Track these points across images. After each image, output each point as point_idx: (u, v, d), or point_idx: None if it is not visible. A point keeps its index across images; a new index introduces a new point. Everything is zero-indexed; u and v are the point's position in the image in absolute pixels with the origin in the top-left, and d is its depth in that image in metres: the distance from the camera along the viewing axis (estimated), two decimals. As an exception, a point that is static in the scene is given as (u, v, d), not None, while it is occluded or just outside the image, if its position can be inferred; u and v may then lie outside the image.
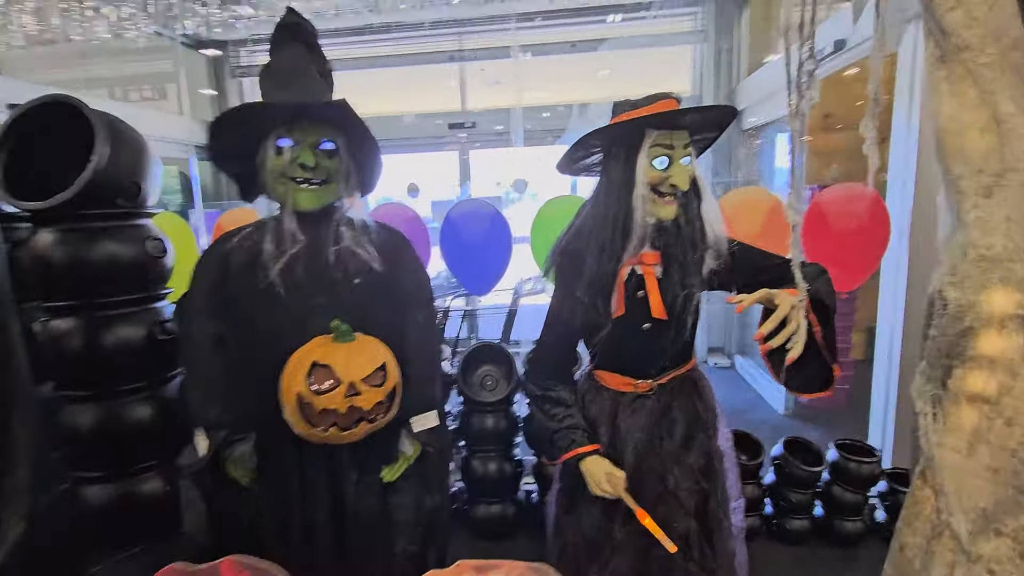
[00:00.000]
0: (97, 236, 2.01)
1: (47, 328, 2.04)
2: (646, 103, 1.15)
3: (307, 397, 0.98)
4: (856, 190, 2.15)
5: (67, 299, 2.02)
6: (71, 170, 1.89)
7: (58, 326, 2.02)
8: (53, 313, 2.04)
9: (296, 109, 1.02)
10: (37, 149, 2.04)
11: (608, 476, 1.22)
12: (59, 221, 1.97)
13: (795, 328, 1.01)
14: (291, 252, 1.07)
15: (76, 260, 1.97)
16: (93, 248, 2.00)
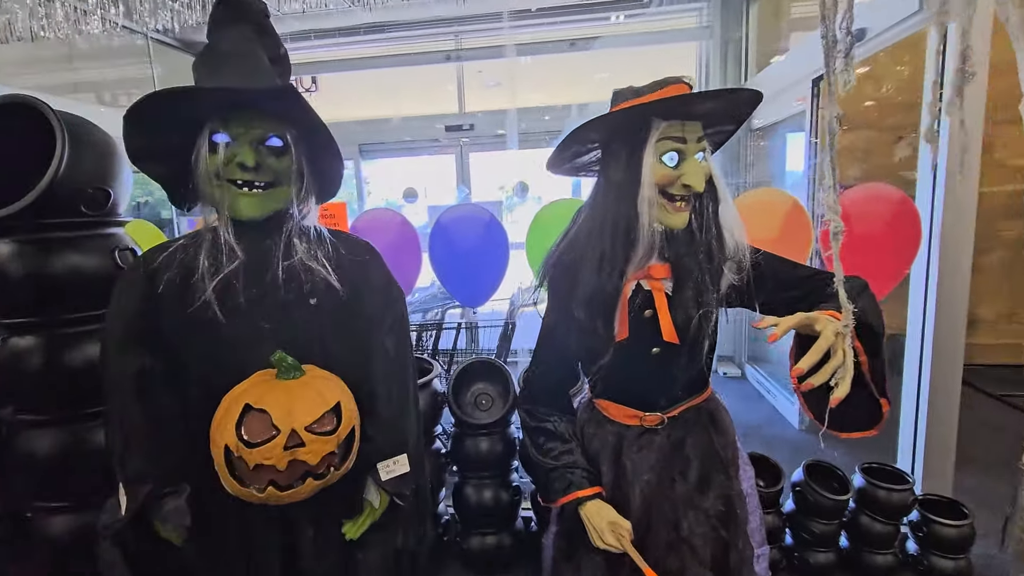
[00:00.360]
0: (58, 247, 1.86)
1: (6, 346, 1.89)
2: (652, 89, 0.98)
3: (236, 450, 0.80)
4: (882, 190, 1.97)
5: (26, 315, 1.87)
6: (36, 176, 1.75)
7: (17, 344, 1.87)
8: (11, 330, 1.89)
9: (232, 97, 0.86)
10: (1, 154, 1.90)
11: (612, 526, 1.04)
12: (15, 231, 1.83)
13: (841, 361, 0.81)
14: (229, 269, 0.90)
15: (35, 273, 1.82)
16: (54, 260, 1.85)
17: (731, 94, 0.97)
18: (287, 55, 1.00)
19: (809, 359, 0.81)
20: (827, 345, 0.82)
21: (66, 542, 1.90)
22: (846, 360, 0.82)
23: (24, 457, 1.90)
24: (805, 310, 1.05)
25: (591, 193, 1.08)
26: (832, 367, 0.82)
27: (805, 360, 0.82)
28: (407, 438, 1.04)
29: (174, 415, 0.93)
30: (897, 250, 1.97)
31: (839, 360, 0.82)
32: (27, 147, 1.81)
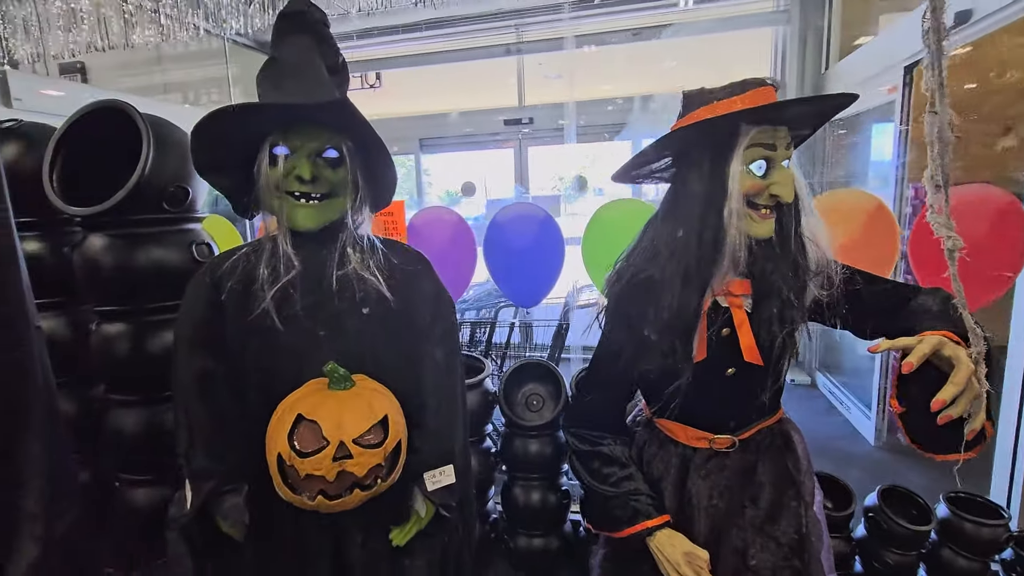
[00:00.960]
0: (143, 241, 2.01)
1: (99, 331, 2.07)
2: (731, 92, 0.91)
3: (289, 459, 0.83)
4: (983, 191, 1.77)
5: (116, 304, 2.03)
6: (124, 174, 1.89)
7: (108, 330, 2.04)
8: (102, 317, 2.07)
9: (291, 112, 0.87)
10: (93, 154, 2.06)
11: (688, 557, 0.99)
12: (108, 226, 1.99)
13: (977, 391, 0.76)
14: (286, 279, 0.93)
15: (123, 265, 1.97)
16: (139, 254, 2.00)
17: (826, 99, 0.91)
18: (345, 64, 1.01)
19: (950, 391, 0.75)
20: (967, 376, 0.76)
21: (147, 512, 2.07)
22: (982, 393, 0.76)
23: (113, 432, 2.08)
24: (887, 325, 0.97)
25: (664, 205, 1.03)
26: (971, 397, 0.76)
27: (946, 391, 0.76)
28: (454, 449, 1.04)
29: (235, 416, 0.97)
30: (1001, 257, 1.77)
31: (975, 391, 0.76)
32: (116, 147, 1.96)
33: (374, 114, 4.17)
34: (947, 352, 0.76)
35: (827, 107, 0.93)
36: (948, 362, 0.77)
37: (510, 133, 4.64)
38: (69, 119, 2.02)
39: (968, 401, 0.76)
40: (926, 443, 0.87)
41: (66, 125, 2.01)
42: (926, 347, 0.76)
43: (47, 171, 1.97)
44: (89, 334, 2.10)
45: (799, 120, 0.95)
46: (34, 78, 3.74)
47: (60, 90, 3.99)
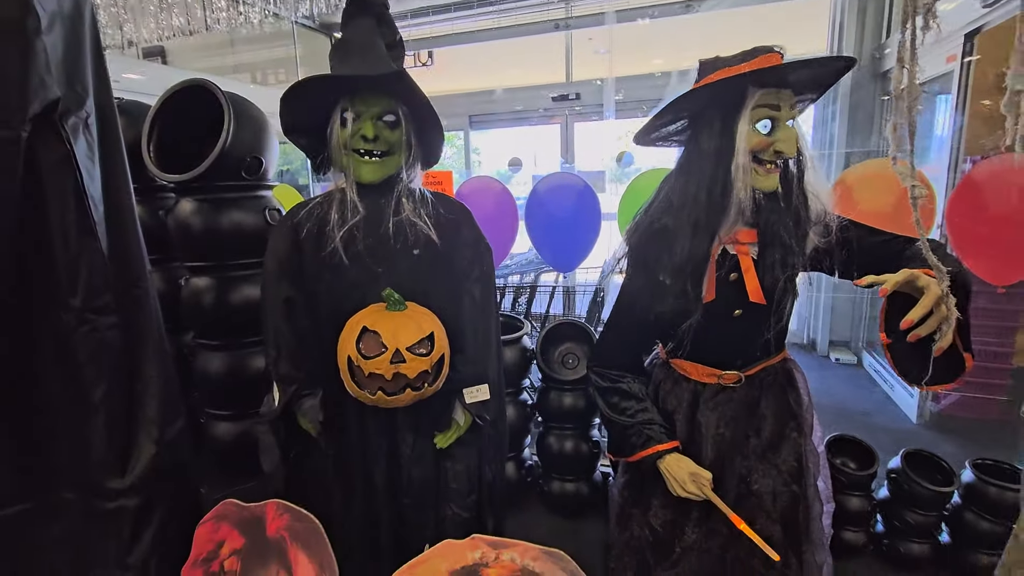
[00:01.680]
0: (226, 206, 2.28)
1: (188, 285, 2.37)
2: (743, 59, 1.01)
3: (356, 360, 1.03)
4: None
5: (203, 260, 2.33)
6: (209, 145, 2.15)
7: (197, 284, 2.34)
8: (193, 272, 2.37)
9: (356, 81, 1.05)
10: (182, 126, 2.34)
11: (693, 476, 1.13)
12: (196, 192, 2.27)
13: (946, 314, 0.85)
14: (352, 223, 1.11)
15: (210, 226, 2.25)
16: (223, 216, 2.27)
17: (827, 63, 0.99)
18: (402, 41, 1.17)
19: (918, 311, 0.86)
20: (934, 299, 0.85)
21: (229, 443, 2.38)
22: (950, 315, 0.85)
23: (200, 374, 2.39)
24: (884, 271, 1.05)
25: (679, 162, 1.14)
26: (937, 320, 0.86)
27: (915, 312, 0.86)
28: (487, 371, 1.21)
29: (312, 334, 1.18)
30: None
31: (943, 314, 0.85)
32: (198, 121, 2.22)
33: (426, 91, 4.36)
34: (920, 283, 0.86)
35: (827, 70, 1.01)
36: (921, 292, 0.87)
37: (558, 109, 4.71)
38: (162, 96, 2.29)
39: (936, 322, 0.84)
40: (910, 373, 0.96)
41: (160, 102, 2.29)
42: (899, 276, 0.86)
43: (145, 143, 2.26)
44: (180, 288, 2.41)
45: (803, 83, 1.03)
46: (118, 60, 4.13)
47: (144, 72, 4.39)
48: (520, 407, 2.22)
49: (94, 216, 1.33)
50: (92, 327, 1.35)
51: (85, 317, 1.34)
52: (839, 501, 1.88)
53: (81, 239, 1.31)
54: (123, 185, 1.45)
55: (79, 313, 1.33)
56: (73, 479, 1.38)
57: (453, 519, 1.21)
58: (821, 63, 0.99)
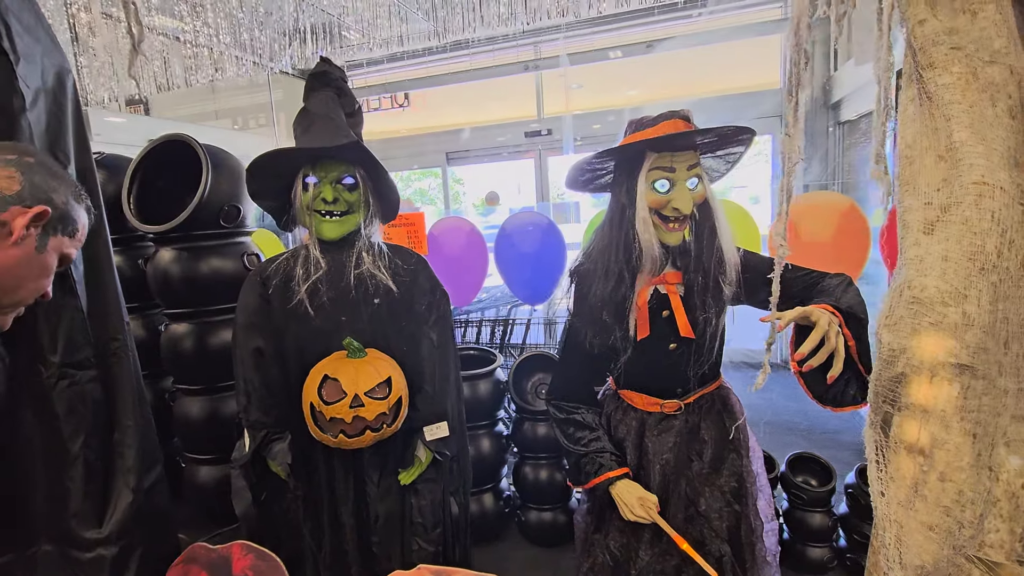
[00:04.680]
0: (204, 253, 2.36)
1: (168, 332, 2.43)
2: (653, 124, 1.14)
3: (318, 406, 1.11)
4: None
5: (182, 307, 2.39)
6: (188, 194, 2.24)
7: (176, 330, 2.40)
8: (172, 319, 2.43)
9: (317, 150, 1.16)
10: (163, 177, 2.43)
11: (640, 500, 1.20)
12: (175, 241, 2.35)
13: (834, 345, 0.95)
14: (316, 277, 1.21)
15: (188, 274, 2.33)
16: (201, 264, 2.35)
17: (717, 130, 1.11)
18: (360, 109, 1.29)
19: (808, 345, 0.94)
20: (820, 333, 0.95)
21: (210, 487, 2.41)
22: (839, 346, 0.95)
23: (180, 419, 2.43)
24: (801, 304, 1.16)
25: (606, 212, 1.26)
26: (826, 351, 0.95)
27: (805, 346, 0.95)
28: (446, 409, 1.30)
29: (280, 382, 1.26)
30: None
31: (832, 346, 0.94)
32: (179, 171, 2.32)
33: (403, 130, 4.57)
34: (812, 318, 0.96)
35: (722, 137, 1.13)
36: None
37: (530, 144, 4.90)
38: (142, 151, 2.40)
39: (825, 354, 0.94)
40: (821, 397, 1.06)
41: (140, 156, 2.39)
42: (792, 314, 0.97)
43: (125, 195, 2.35)
44: (159, 335, 2.47)
45: (707, 147, 1.17)
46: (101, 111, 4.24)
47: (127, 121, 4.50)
48: (495, 439, 2.28)
49: (74, 275, 1.41)
50: (71, 381, 1.41)
51: (65, 372, 1.40)
52: (802, 518, 1.96)
53: (62, 299, 1.38)
54: (102, 243, 1.53)
55: (59, 368, 1.39)
56: (51, 531, 1.42)
57: (419, 552, 1.27)
58: (714, 131, 1.11)
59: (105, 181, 2.53)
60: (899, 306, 0.60)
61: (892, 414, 0.61)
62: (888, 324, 0.61)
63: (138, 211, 2.34)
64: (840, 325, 0.98)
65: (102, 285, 1.52)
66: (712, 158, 1.23)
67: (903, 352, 0.59)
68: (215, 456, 2.40)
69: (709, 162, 1.23)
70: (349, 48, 3.92)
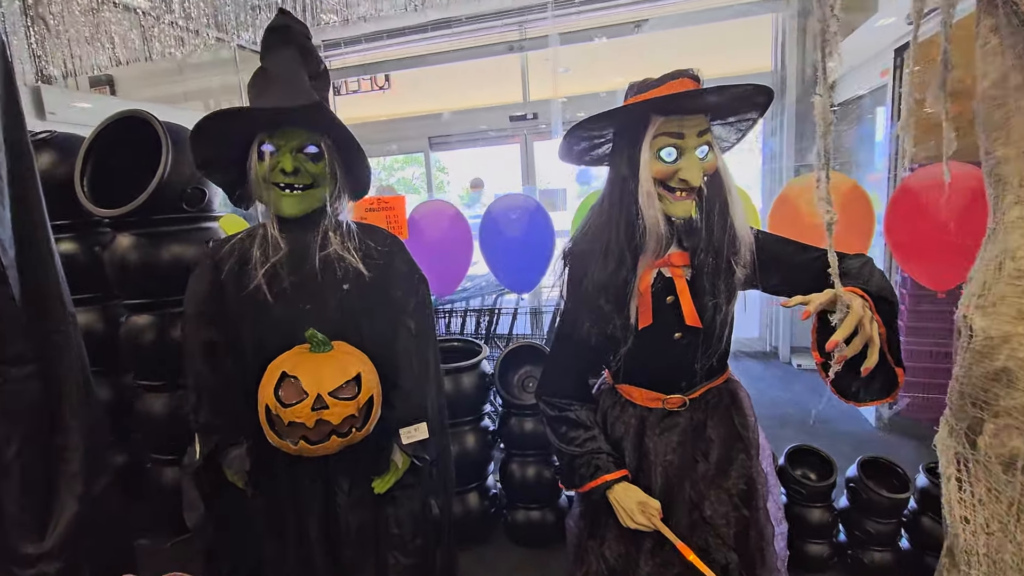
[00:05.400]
0: (166, 240, 2.18)
1: (128, 324, 2.26)
2: (658, 84, 1.01)
3: (275, 409, 0.96)
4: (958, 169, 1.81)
5: (142, 297, 2.22)
6: (150, 176, 2.07)
7: (136, 322, 2.23)
8: (131, 310, 2.26)
9: (274, 114, 1.01)
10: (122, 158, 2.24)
11: (641, 506, 1.09)
12: (134, 226, 2.17)
13: (869, 334, 0.83)
14: (275, 259, 1.06)
15: (148, 262, 2.15)
16: (162, 251, 2.18)
17: (732, 90, 0.97)
18: (327, 71, 1.14)
19: (842, 332, 0.83)
20: (856, 320, 0.83)
21: (175, 490, 2.25)
22: (874, 335, 0.84)
23: (142, 416, 2.27)
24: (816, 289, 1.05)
25: (604, 186, 1.13)
26: (861, 340, 0.84)
27: (839, 333, 0.83)
28: (426, 407, 1.16)
29: (235, 379, 1.12)
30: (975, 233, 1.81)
31: (867, 333, 0.84)
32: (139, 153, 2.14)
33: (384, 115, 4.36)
34: (846, 303, 0.85)
35: (736, 98, 0.99)
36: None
37: (516, 129, 4.74)
38: (96, 129, 2.21)
39: (860, 342, 0.83)
40: (845, 390, 0.96)
41: (93, 135, 2.20)
42: (822, 297, 0.85)
43: (78, 177, 2.16)
44: (120, 326, 2.29)
45: (718, 109, 1.03)
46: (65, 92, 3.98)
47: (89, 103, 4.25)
48: (481, 434, 2.17)
49: (3, 261, 1.25)
50: (4, 379, 1.26)
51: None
52: (801, 513, 1.88)
53: (-13, 287, 1.22)
54: (39, 226, 1.37)
55: (-13, 365, 1.24)
56: (-17, 547, 1.27)
57: (396, 567, 1.13)
58: (725, 90, 0.96)
59: (56, 163, 2.35)
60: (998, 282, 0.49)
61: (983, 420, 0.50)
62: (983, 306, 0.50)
63: (94, 194, 2.16)
64: (871, 309, 0.87)
65: (41, 271, 1.36)
66: (721, 125, 1.10)
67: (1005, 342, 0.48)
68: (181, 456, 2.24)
69: (717, 130, 1.11)
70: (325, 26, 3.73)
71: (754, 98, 1.01)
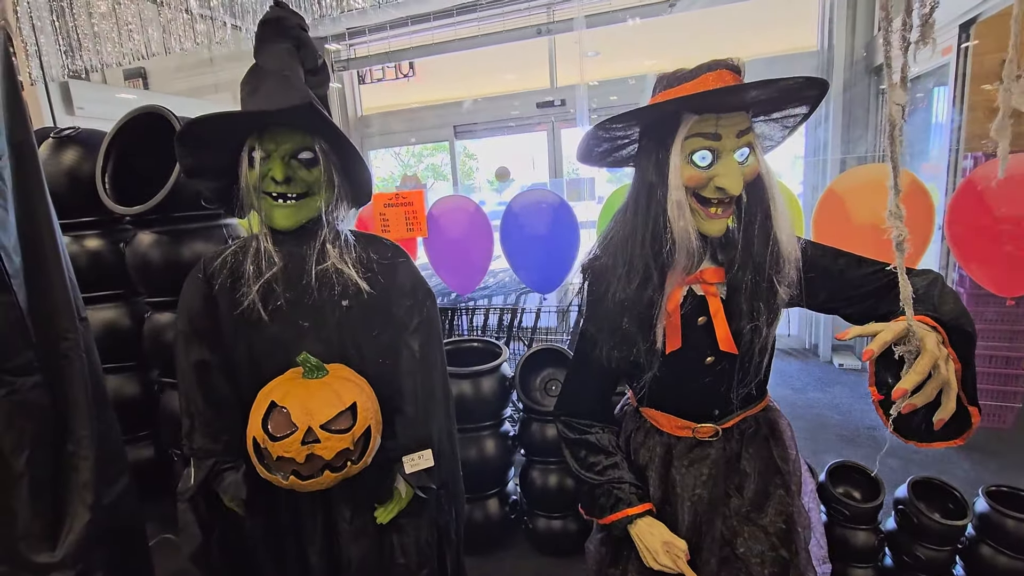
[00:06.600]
0: (186, 237, 2.16)
1: (150, 321, 2.26)
2: (691, 77, 0.88)
3: (262, 442, 0.90)
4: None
5: (165, 295, 2.21)
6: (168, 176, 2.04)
7: (159, 319, 2.23)
8: (154, 308, 2.26)
9: (263, 116, 0.92)
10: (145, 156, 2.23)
11: (666, 546, 0.99)
12: (154, 224, 2.16)
13: (945, 378, 0.70)
14: (269, 275, 0.99)
15: (169, 259, 2.14)
16: (183, 248, 2.16)
17: (777, 84, 0.82)
18: (326, 65, 1.04)
19: (913, 379, 0.69)
20: (931, 362, 0.70)
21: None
22: (950, 379, 0.71)
23: (167, 412, 2.28)
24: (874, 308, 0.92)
25: (629, 191, 1.01)
26: (936, 386, 0.71)
27: (909, 380, 0.70)
28: (430, 434, 1.08)
29: (230, 401, 1.06)
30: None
31: (943, 378, 0.70)
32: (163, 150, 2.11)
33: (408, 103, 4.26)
34: (918, 340, 0.71)
35: (783, 91, 0.84)
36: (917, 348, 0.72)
37: (543, 116, 4.59)
38: (115, 126, 2.19)
39: (933, 390, 0.70)
40: (906, 431, 0.82)
41: (113, 131, 2.19)
42: (888, 335, 0.71)
43: (99, 174, 2.15)
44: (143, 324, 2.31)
45: (762, 105, 0.88)
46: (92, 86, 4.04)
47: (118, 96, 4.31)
48: (501, 440, 2.10)
49: (7, 268, 1.22)
50: (10, 389, 1.24)
51: (1, 379, 1.23)
52: (843, 535, 1.75)
53: (-9, 295, 1.19)
54: (46, 230, 1.34)
55: (-7, 375, 1.22)
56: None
57: (401, 599, 1.08)
58: (767, 86, 0.81)
59: (81, 159, 2.36)
60: None
61: None
62: None
63: (120, 191, 2.16)
64: (943, 343, 0.74)
65: (47, 277, 1.33)
66: (765, 122, 0.97)
67: None
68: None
69: (761, 127, 0.97)
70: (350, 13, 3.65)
71: (804, 91, 0.87)
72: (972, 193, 1.68)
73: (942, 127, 3.04)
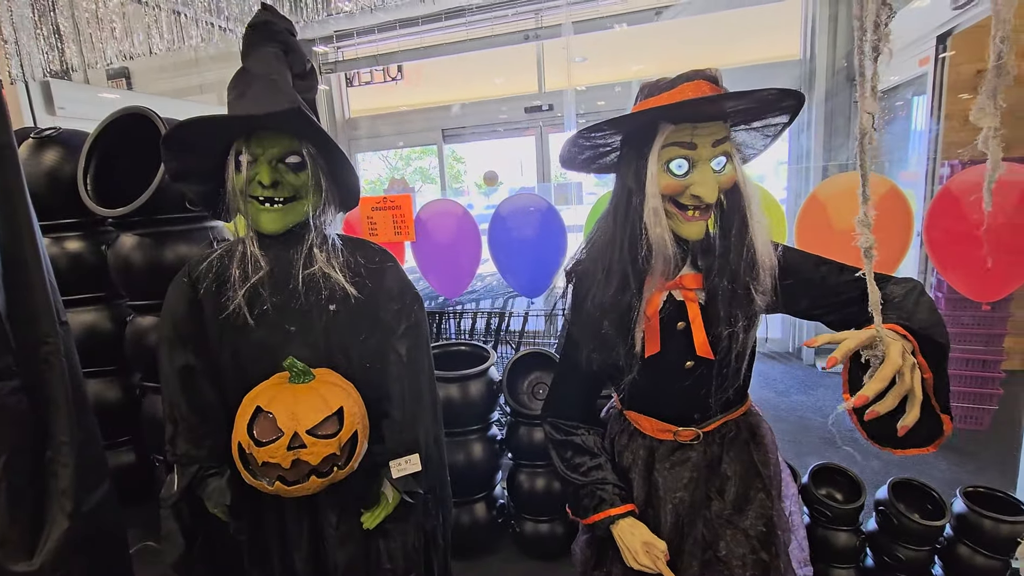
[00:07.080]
0: (169, 239, 2.14)
1: (133, 325, 2.23)
2: (670, 86, 0.89)
3: (248, 447, 0.89)
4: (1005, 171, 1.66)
5: (147, 298, 2.18)
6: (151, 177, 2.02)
7: (141, 323, 2.20)
8: (137, 311, 2.23)
9: (250, 120, 0.92)
10: (128, 157, 2.20)
11: (646, 546, 1.00)
12: (137, 226, 2.13)
13: (909, 386, 0.70)
14: (255, 279, 0.98)
15: (152, 262, 2.11)
16: (166, 250, 2.13)
17: (753, 94, 0.84)
18: (314, 70, 1.05)
19: (875, 386, 0.70)
20: (893, 370, 0.71)
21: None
22: (915, 386, 0.72)
23: (149, 417, 2.25)
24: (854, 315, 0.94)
25: (610, 197, 1.03)
26: (899, 393, 0.71)
27: (870, 387, 0.70)
28: (417, 439, 1.08)
29: (215, 407, 1.05)
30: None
31: (907, 386, 0.71)
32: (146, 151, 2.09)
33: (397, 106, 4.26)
34: (883, 347, 0.73)
35: (759, 101, 0.86)
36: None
37: (531, 121, 4.61)
38: (98, 127, 2.16)
39: (895, 398, 0.70)
40: (880, 437, 0.84)
41: (96, 132, 2.16)
42: (852, 342, 0.72)
43: (81, 175, 2.12)
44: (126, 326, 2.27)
45: (741, 114, 0.91)
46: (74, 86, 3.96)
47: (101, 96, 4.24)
48: (488, 443, 2.10)
49: (-16, 273, 1.20)
50: (-12, 394, 1.22)
51: (-23, 384, 1.20)
52: (825, 537, 1.78)
53: (-34, 300, 1.17)
54: (25, 233, 1.32)
55: (-32, 381, 1.19)
56: (-31, 567, 1.24)
57: (389, 604, 1.07)
58: (743, 97, 0.83)
59: (62, 160, 2.32)
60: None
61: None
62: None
63: (101, 192, 2.13)
64: (914, 352, 0.75)
65: (26, 282, 1.31)
66: (746, 131, 0.99)
67: None
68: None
69: (742, 136, 0.99)
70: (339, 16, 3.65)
71: (781, 102, 0.89)
72: (949, 200, 1.72)
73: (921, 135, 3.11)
